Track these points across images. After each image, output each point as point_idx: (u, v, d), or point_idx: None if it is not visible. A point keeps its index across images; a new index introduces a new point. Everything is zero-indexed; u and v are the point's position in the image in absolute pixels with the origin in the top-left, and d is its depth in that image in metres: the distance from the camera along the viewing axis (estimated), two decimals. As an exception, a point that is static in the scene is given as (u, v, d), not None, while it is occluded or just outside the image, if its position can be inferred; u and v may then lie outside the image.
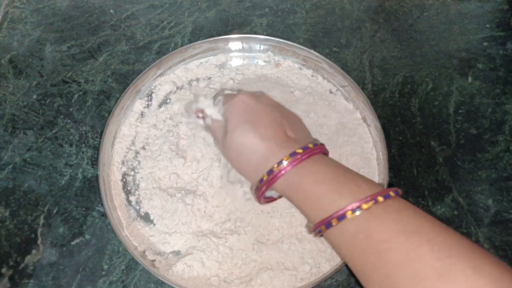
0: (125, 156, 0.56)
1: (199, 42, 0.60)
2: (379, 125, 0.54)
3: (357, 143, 0.56)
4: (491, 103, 0.60)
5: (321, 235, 0.39)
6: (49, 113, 0.59)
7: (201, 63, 0.62)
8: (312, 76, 0.62)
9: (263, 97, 0.46)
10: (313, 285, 0.46)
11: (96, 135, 0.58)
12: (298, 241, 0.49)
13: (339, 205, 0.36)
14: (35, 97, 0.60)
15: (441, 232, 0.34)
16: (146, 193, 0.53)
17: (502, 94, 0.61)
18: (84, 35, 0.65)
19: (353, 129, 0.57)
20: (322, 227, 0.37)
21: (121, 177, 0.54)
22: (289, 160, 0.39)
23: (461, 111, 0.60)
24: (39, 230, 0.52)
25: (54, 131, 0.58)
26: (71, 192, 0.54)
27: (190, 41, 0.64)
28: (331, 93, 0.60)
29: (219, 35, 0.64)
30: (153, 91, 0.60)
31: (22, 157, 0.56)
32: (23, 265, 0.50)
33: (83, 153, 0.57)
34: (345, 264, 0.47)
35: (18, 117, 0.59)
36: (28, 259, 0.50)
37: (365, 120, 0.58)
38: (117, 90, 0.61)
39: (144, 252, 0.49)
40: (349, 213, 0.35)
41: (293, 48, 0.61)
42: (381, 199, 0.36)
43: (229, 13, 0.68)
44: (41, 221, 0.52)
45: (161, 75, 0.61)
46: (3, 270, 0.50)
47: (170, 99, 0.60)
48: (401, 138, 0.58)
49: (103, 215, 0.53)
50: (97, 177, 0.55)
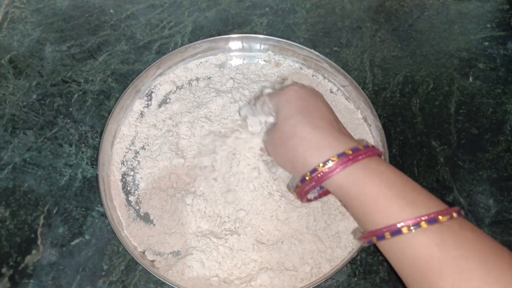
0: (124, 156, 0.55)
1: (199, 41, 0.60)
2: (380, 125, 0.54)
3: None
4: (491, 103, 0.60)
5: (372, 244, 0.37)
6: (49, 113, 0.59)
7: (201, 62, 0.62)
8: (312, 75, 0.62)
9: (315, 90, 0.44)
10: (313, 285, 0.46)
11: (95, 135, 0.58)
12: (298, 241, 0.49)
13: (412, 214, 0.33)
14: (35, 97, 0.60)
15: (498, 260, 0.31)
16: (145, 193, 0.53)
17: (502, 94, 0.61)
18: (84, 35, 0.65)
19: (353, 129, 0.57)
20: (386, 233, 0.34)
21: (121, 177, 0.54)
22: (350, 154, 0.36)
23: (462, 111, 0.60)
24: (39, 230, 0.52)
25: (54, 131, 0.58)
26: (71, 192, 0.54)
27: (190, 41, 0.64)
28: (331, 92, 0.60)
29: (219, 34, 0.65)
30: (153, 90, 0.60)
31: (22, 157, 0.56)
32: (23, 265, 0.50)
33: (82, 153, 0.56)
34: (345, 264, 0.47)
35: (18, 117, 0.59)
36: (28, 259, 0.50)
37: (365, 120, 0.57)
38: (117, 90, 0.61)
39: (143, 252, 0.49)
40: (405, 229, 0.33)
41: (294, 47, 0.60)
42: (455, 214, 0.33)
43: (229, 12, 0.68)
44: (41, 221, 0.52)
45: (161, 74, 0.61)
46: (3, 270, 0.50)
47: (170, 99, 0.60)
48: (401, 138, 0.58)
49: (103, 215, 0.53)
50: (96, 177, 0.54)
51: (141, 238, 0.50)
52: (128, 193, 0.53)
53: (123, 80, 0.62)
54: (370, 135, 0.57)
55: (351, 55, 0.64)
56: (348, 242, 0.50)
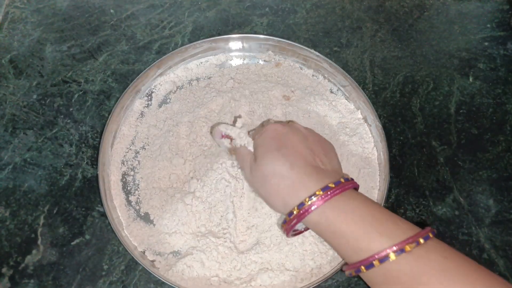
0: (125, 156, 0.55)
1: (199, 41, 0.60)
2: (380, 125, 0.54)
3: (358, 143, 0.56)
4: (491, 103, 0.60)
5: (356, 275, 0.39)
6: (49, 113, 0.59)
7: (201, 62, 0.62)
8: (312, 75, 0.62)
9: (294, 125, 0.45)
10: (313, 285, 0.46)
11: (96, 135, 0.58)
12: (298, 243, 0.49)
13: (381, 245, 0.36)
14: (35, 97, 0.60)
15: (481, 275, 0.34)
16: (146, 193, 0.53)
17: (502, 94, 0.61)
18: (84, 35, 0.65)
19: (353, 129, 0.57)
20: (361, 267, 0.37)
21: (121, 177, 0.54)
22: (321, 194, 0.38)
23: (462, 111, 0.60)
24: (39, 230, 0.52)
25: (54, 131, 0.58)
26: (71, 192, 0.54)
27: (190, 41, 0.64)
28: (331, 92, 0.60)
29: (219, 34, 0.65)
30: (153, 90, 0.60)
31: (22, 157, 0.56)
32: (23, 265, 0.50)
33: (83, 153, 0.56)
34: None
35: (18, 117, 0.59)
36: (28, 259, 0.50)
37: (366, 120, 0.57)
38: (117, 90, 0.61)
39: (144, 252, 0.49)
40: (392, 255, 0.35)
41: (294, 47, 0.60)
42: (422, 240, 0.35)
43: (229, 12, 0.68)
44: (41, 221, 0.52)
45: (161, 74, 0.61)
46: (4, 270, 0.50)
47: (170, 99, 0.60)
48: (402, 138, 0.58)
49: (103, 215, 0.53)
50: (97, 177, 0.54)
51: (141, 238, 0.50)
52: (128, 193, 0.53)
53: (123, 80, 0.62)
54: (370, 135, 0.57)
55: (351, 55, 0.64)
56: None
